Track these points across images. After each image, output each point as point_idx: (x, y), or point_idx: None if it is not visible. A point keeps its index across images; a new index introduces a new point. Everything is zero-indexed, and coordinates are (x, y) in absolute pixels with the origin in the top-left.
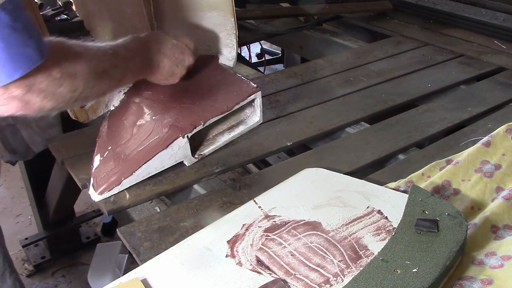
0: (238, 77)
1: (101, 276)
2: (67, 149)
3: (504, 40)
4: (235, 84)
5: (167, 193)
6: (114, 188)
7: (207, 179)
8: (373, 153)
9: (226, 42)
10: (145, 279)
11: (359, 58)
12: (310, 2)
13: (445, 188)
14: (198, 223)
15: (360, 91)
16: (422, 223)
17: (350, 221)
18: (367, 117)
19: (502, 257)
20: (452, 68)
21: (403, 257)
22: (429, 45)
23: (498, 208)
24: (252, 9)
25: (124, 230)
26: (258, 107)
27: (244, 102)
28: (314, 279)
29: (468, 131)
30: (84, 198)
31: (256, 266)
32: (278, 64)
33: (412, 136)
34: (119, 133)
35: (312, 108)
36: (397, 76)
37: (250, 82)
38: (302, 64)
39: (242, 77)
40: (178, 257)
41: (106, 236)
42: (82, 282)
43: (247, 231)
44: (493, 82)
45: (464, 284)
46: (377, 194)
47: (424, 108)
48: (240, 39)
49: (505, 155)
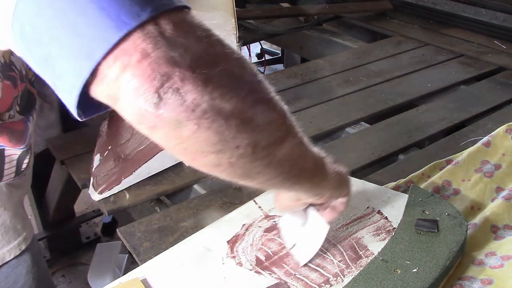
0: None
1: (101, 276)
2: (67, 149)
3: (504, 40)
4: None
5: (167, 193)
6: (114, 187)
7: (207, 179)
8: (373, 153)
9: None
10: (145, 279)
11: (359, 58)
12: (310, 2)
13: (445, 188)
14: (198, 223)
15: (360, 91)
16: (422, 223)
17: (350, 221)
18: (367, 117)
19: (502, 257)
20: (452, 68)
21: (403, 257)
22: (429, 45)
23: (498, 208)
24: (252, 9)
25: (124, 230)
26: None
27: None
28: (314, 279)
29: (468, 131)
30: (84, 198)
31: (256, 266)
32: (278, 64)
33: (412, 136)
34: (119, 133)
35: (312, 108)
36: (397, 76)
37: None
38: (302, 64)
39: None
40: (178, 257)
41: (106, 236)
42: (82, 282)
43: (247, 231)
44: (493, 82)
45: (464, 284)
46: (377, 194)
47: (424, 108)
48: (240, 39)
49: (505, 155)
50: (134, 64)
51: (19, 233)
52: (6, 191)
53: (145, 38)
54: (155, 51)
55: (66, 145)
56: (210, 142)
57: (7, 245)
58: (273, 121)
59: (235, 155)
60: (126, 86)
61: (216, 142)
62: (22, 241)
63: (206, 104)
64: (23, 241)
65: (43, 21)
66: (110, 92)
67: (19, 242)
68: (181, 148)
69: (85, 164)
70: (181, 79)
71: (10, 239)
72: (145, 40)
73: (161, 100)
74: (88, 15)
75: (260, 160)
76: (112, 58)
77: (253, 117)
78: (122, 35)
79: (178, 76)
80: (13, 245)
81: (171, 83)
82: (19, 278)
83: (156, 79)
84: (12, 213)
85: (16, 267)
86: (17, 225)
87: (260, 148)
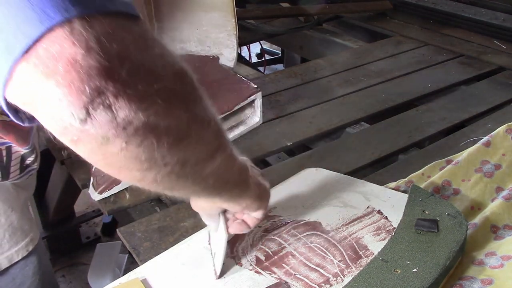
0: (238, 77)
1: (101, 276)
2: (67, 149)
3: (504, 40)
4: (235, 84)
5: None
6: (114, 187)
7: None
8: (373, 153)
9: (226, 43)
10: (145, 279)
11: (359, 58)
12: (310, 2)
13: (445, 188)
14: (198, 223)
15: (360, 91)
16: (422, 223)
17: (350, 221)
18: (367, 117)
19: (502, 257)
20: (452, 68)
21: (403, 257)
22: (429, 45)
23: (498, 208)
24: (252, 9)
25: (124, 230)
26: (258, 107)
27: (244, 102)
28: (314, 279)
29: (468, 131)
30: (84, 198)
31: (256, 266)
32: (278, 64)
33: (412, 136)
34: None
35: (312, 108)
36: (397, 76)
37: (250, 83)
38: (302, 64)
39: (243, 78)
40: (178, 257)
41: (106, 236)
42: (82, 282)
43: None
44: (493, 82)
45: (464, 284)
46: (377, 194)
47: (424, 108)
48: (240, 39)
49: (505, 155)
50: (60, 72)
51: (26, 234)
52: (13, 192)
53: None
54: (86, 59)
55: (66, 145)
56: (138, 159)
57: (15, 246)
58: (206, 139)
59: (161, 172)
60: (48, 96)
61: (144, 159)
62: (29, 242)
63: (139, 122)
64: (30, 242)
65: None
66: (28, 99)
67: (26, 243)
68: (104, 163)
69: (85, 164)
70: (114, 95)
71: (18, 240)
72: (74, 44)
73: (88, 116)
74: (10, 3)
75: (186, 177)
76: (33, 59)
77: (188, 135)
78: (44, 30)
79: (111, 91)
80: (20, 246)
81: (102, 98)
82: (26, 279)
83: (85, 94)
84: (19, 214)
85: (23, 268)
86: (24, 226)
87: (189, 166)
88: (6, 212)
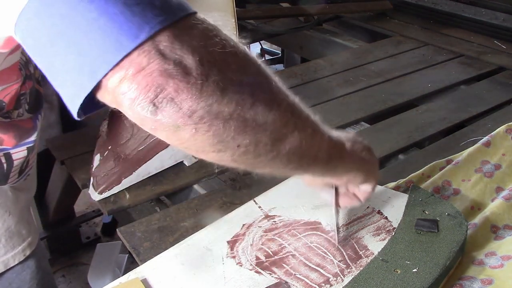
0: None
1: (101, 276)
2: (67, 149)
3: (504, 40)
4: None
5: (167, 193)
6: (114, 187)
7: (207, 179)
8: None
9: None
10: (145, 279)
11: (359, 58)
12: (310, 2)
13: (445, 188)
14: (198, 223)
15: (360, 91)
16: (422, 223)
17: (350, 221)
18: (367, 117)
19: (502, 257)
20: (452, 68)
21: (403, 257)
22: (429, 45)
23: (498, 208)
24: (252, 9)
25: (124, 230)
26: None
27: None
28: (314, 279)
29: (468, 131)
30: (84, 198)
31: (256, 266)
32: (278, 64)
33: (412, 136)
34: (119, 133)
35: (312, 108)
36: (397, 76)
37: None
38: (302, 64)
39: None
40: (178, 257)
41: (106, 236)
42: (82, 282)
43: (247, 231)
44: (493, 82)
45: (464, 284)
46: (377, 194)
47: (424, 108)
48: (240, 39)
49: (505, 155)
50: (130, 77)
51: (24, 238)
52: (12, 196)
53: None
54: (150, 65)
55: (66, 145)
56: (210, 143)
57: (11, 251)
58: (276, 120)
59: (236, 153)
60: (123, 97)
61: (216, 143)
62: (27, 247)
63: (203, 110)
64: (28, 247)
65: (45, 37)
66: (113, 99)
67: (23, 247)
68: (183, 147)
69: (85, 164)
70: (175, 90)
71: (15, 245)
72: (140, 55)
73: (157, 109)
74: (88, 36)
75: (264, 155)
76: (111, 72)
77: (253, 117)
78: (121, 57)
79: (172, 87)
80: (17, 250)
81: (165, 93)
82: (23, 284)
83: (151, 91)
84: (17, 218)
85: (20, 273)
86: (22, 230)
87: (262, 146)
88: (3, 216)
